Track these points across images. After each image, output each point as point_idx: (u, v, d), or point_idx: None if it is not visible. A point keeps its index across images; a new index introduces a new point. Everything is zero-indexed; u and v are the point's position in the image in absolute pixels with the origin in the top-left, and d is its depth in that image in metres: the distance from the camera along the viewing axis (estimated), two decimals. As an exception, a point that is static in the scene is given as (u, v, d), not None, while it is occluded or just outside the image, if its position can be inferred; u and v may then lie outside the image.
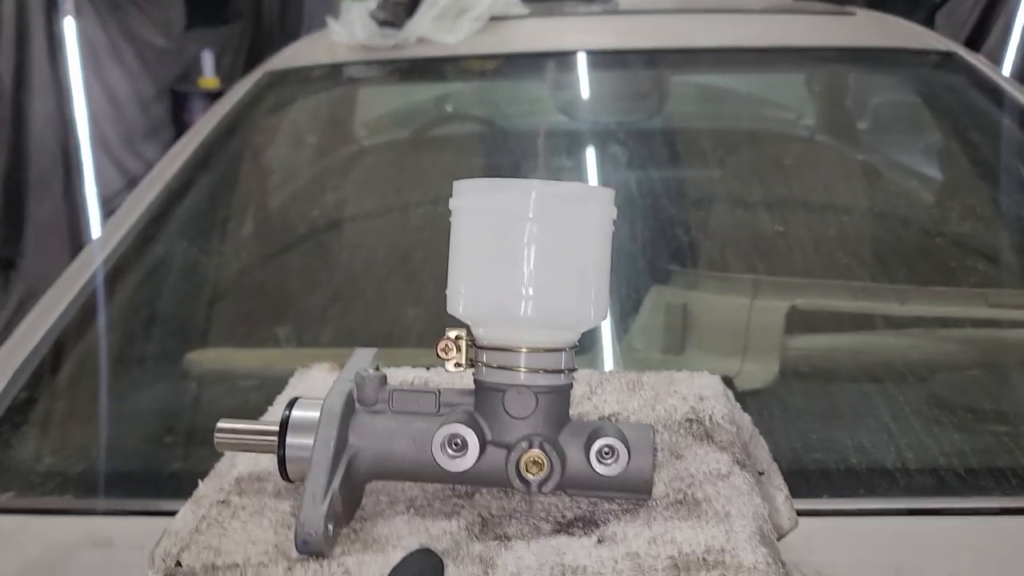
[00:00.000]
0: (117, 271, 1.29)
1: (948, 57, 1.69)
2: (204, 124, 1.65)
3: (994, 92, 1.55)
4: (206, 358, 1.22)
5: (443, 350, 0.56)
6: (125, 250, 1.33)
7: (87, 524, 0.85)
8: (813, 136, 1.79)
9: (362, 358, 0.62)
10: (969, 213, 1.37)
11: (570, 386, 0.57)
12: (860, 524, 0.79)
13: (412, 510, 0.57)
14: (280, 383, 1.16)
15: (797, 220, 1.37)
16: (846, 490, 0.85)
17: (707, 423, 0.63)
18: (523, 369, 0.55)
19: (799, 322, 1.18)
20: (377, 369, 0.61)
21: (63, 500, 0.90)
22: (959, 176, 1.49)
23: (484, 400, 0.56)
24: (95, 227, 4.08)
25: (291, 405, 0.58)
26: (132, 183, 4.70)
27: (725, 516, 0.53)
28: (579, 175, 1.54)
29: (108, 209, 4.28)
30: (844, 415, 0.98)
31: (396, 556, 0.52)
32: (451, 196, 0.58)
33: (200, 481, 0.65)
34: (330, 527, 0.52)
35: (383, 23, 1.72)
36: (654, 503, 0.55)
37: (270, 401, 1.11)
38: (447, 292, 0.58)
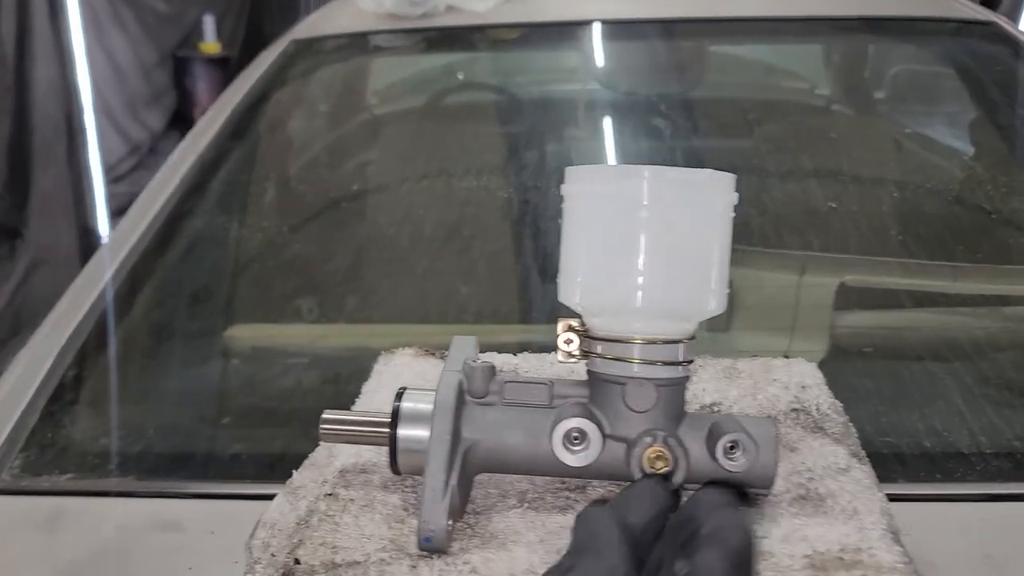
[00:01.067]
0: (155, 246, 1.27)
1: (986, 27, 1.66)
2: (232, 94, 1.62)
3: (1035, 63, 1.54)
4: (246, 334, 1.21)
5: (566, 341, 0.54)
6: (161, 225, 1.31)
7: (153, 506, 0.83)
8: (851, 110, 1.76)
9: (462, 346, 0.61)
10: (1020, 188, 1.36)
11: (687, 378, 0.55)
12: (942, 510, 0.78)
13: (525, 504, 0.55)
14: (330, 361, 1.15)
15: (848, 196, 1.35)
16: (921, 474, 0.84)
17: (814, 413, 0.62)
18: (641, 361, 0.54)
19: (848, 299, 1.17)
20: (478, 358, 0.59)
21: (125, 482, 0.89)
22: (1006, 150, 1.47)
23: (600, 392, 0.55)
24: (99, 195, 4.04)
25: (399, 396, 0.57)
26: (135, 150, 4.66)
27: (853, 513, 0.52)
28: (609, 145, 1.51)
29: (112, 177, 4.24)
30: (907, 395, 0.97)
31: (518, 552, 0.51)
32: (563, 182, 0.56)
33: (294, 471, 0.64)
34: (450, 522, 0.51)
35: (412, -9, 1.69)
36: (776, 499, 0.54)
37: (324, 380, 1.10)
38: (559, 280, 0.56)
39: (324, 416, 0.58)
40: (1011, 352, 1.03)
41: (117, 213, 3.81)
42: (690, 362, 0.55)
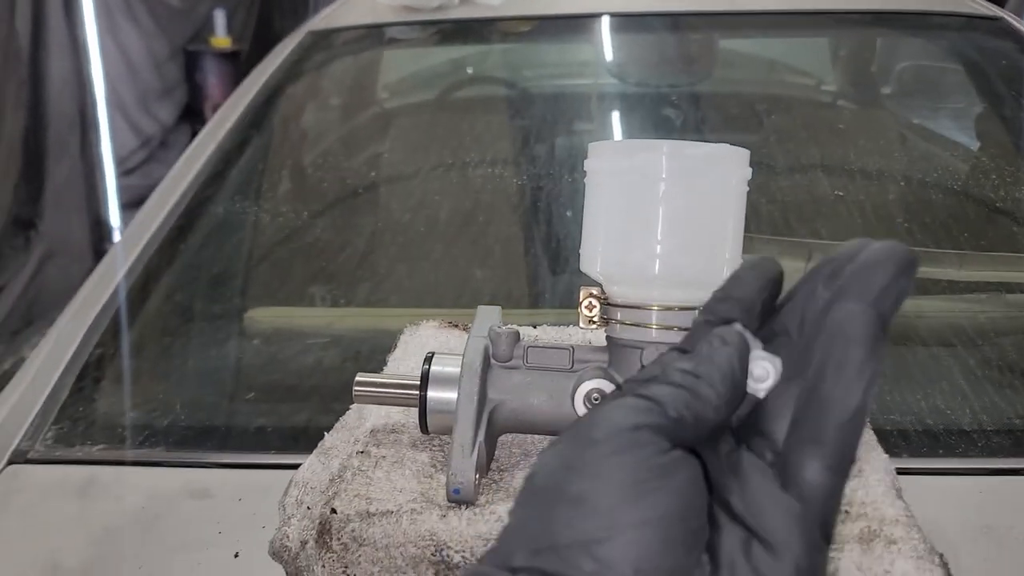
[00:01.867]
0: (177, 232, 1.31)
1: (994, 22, 1.69)
2: (250, 84, 1.65)
3: (1042, 58, 1.56)
4: (266, 316, 1.24)
5: (588, 307, 0.57)
6: (183, 212, 1.34)
7: (182, 475, 0.87)
8: (859, 104, 1.79)
9: (487, 316, 0.64)
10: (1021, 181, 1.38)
11: (702, 344, 0.58)
12: (945, 483, 0.81)
13: (547, 462, 0.58)
14: (347, 342, 1.17)
15: (855, 187, 1.38)
16: (924, 450, 0.86)
17: (822, 381, 0.64)
18: (659, 327, 0.57)
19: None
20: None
21: (155, 452, 0.92)
22: (1012, 144, 1.50)
23: (619, 357, 0.58)
24: (111, 187, 4.09)
25: (428, 360, 0.60)
26: (146, 143, 4.71)
27: (858, 471, 0.55)
28: (620, 137, 1.54)
29: (123, 169, 4.29)
30: (912, 376, 1.00)
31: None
32: (586, 157, 0.59)
33: (325, 433, 0.67)
34: (477, 476, 0.54)
35: (429, -16, 1.72)
36: (786, 457, 0.57)
37: (343, 358, 1.13)
38: (581, 251, 0.59)
39: (358, 379, 0.61)
40: (1013, 336, 1.06)
41: (128, 205, 3.85)
42: (705, 329, 0.58)
